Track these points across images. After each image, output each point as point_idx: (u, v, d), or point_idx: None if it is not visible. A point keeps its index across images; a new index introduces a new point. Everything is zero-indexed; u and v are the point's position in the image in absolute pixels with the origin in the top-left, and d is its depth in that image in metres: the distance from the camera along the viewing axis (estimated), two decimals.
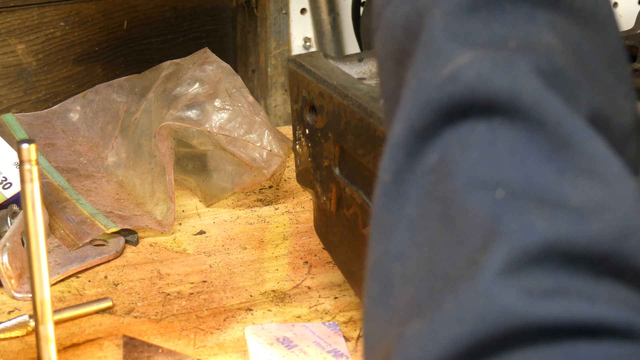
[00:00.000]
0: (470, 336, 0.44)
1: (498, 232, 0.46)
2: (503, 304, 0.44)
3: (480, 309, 0.44)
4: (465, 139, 0.49)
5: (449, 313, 0.45)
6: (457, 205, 0.48)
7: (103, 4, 1.37)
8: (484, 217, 0.47)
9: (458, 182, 0.48)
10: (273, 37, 1.43)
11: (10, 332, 0.95)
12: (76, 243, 1.08)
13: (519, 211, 0.46)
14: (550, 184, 0.47)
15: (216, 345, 0.95)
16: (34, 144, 0.82)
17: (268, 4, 1.41)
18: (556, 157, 0.48)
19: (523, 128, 0.49)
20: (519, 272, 0.45)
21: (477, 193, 0.48)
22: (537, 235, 0.45)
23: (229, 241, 1.12)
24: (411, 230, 0.50)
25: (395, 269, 0.50)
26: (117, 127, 1.24)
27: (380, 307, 0.50)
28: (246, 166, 1.15)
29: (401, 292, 0.49)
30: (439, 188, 0.49)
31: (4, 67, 1.34)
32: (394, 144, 0.52)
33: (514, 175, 0.48)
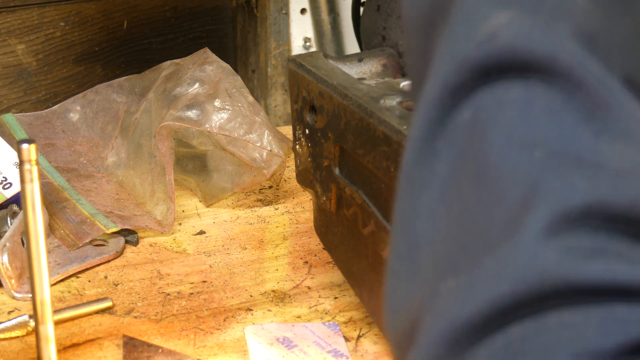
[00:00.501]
0: (510, 294, 0.44)
1: (539, 191, 0.46)
2: (545, 263, 0.44)
3: (521, 267, 0.44)
4: (501, 98, 0.49)
5: (487, 270, 0.45)
6: (492, 164, 0.48)
7: (103, 4, 1.37)
8: (523, 176, 0.46)
9: (493, 140, 0.48)
10: (273, 37, 1.43)
11: (10, 332, 0.95)
12: (76, 243, 1.08)
13: (559, 171, 0.46)
14: (588, 145, 0.47)
15: (216, 345, 0.95)
16: (34, 144, 0.82)
17: (268, 4, 1.41)
18: (594, 119, 0.48)
19: (560, 89, 0.48)
20: (560, 231, 0.45)
21: (514, 151, 0.47)
22: (578, 196, 0.45)
23: (229, 241, 1.12)
24: (441, 188, 0.50)
25: (423, 227, 0.50)
26: (117, 127, 1.24)
27: (406, 264, 0.50)
28: (246, 166, 1.15)
29: (429, 250, 0.49)
30: (473, 146, 0.49)
31: (4, 67, 1.34)
32: (427, 101, 0.51)
33: (551, 135, 0.47)
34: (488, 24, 0.51)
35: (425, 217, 0.50)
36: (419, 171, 0.51)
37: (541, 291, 0.44)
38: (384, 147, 0.86)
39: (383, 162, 0.86)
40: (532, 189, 0.46)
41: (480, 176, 0.48)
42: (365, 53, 1.04)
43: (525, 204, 0.46)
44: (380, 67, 1.03)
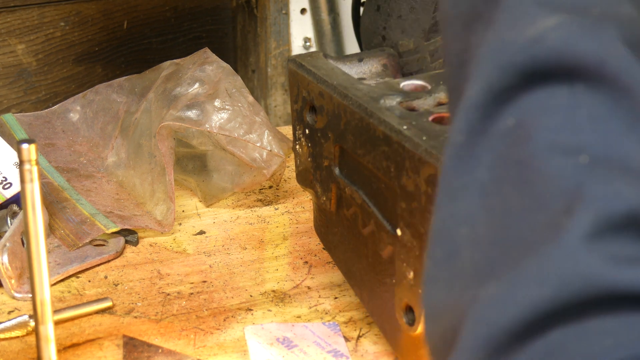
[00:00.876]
0: (552, 299, 0.44)
1: (582, 197, 0.45)
2: (588, 269, 0.43)
3: (564, 272, 0.44)
4: (545, 103, 0.49)
5: (529, 275, 0.45)
6: (535, 169, 0.47)
7: (103, 4, 1.37)
8: (567, 182, 0.46)
9: (537, 145, 0.48)
10: (273, 37, 1.43)
11: (10, 332, 0.95)
12: (76, 243, 1.08)
13: (603, 177, 0.46)
14: (633, 152, 0.47)
15: (216, 345, 0.95)
16: (34, 144, 0.82)
17: (268, 4, 1.41)
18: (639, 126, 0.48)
19: (606, 95, 0.48)
20: (604, 237, 0.44)
21: (558, 157, 0.47)
22: (622, 202, 0.45)
23: (229, 241, 1.12)
24: (482, 193, 0.50)
25: (462, 233, 0.50)
26: (117, 127, 1.24)
27: (445, 270, 0.50)
28: (246, 166, 1.15)
29: (468, 256, 0.49)
30: (515, 151, 0.49)
31: (4, 67, 1.34)
32: (469, 105, 0.51)
33: (595, 141, 0.47)
34: (534, 28, 0.50)
35: (465, 222, 0.50)
36: (459, 177, 0.51)
37: (583, 297, 0.43)
38: (384, 147, 0.86)
39: (383, 162, 0.86)
40: (575, 194, 0.46)
41: (523, 181, 0.48)
42: (365, 53, 1.04)
43: (569, 209, 0.45)
44: (380, 67, 1.03)
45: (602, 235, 0.44)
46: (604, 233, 0.44)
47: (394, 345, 0.92)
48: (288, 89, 1.38)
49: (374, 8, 1.18)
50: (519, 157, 0.48)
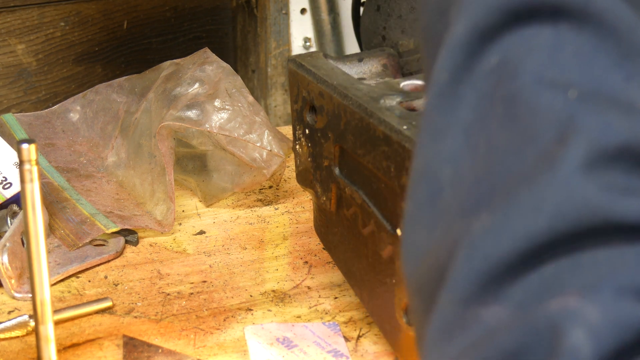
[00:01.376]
0: (548, 229, 0.43)
1: (575, 127, 0.45)
2: (584, 198, 0.43)
3: (560, 201, 0.44)
4: (530, 41, 0.49)
5: (525, 205, 0.44)
6: (523, 104, 0.47)
7: (103, 4, 1.37)
8: (558, 114, 0.46)
9: (524, 81, 0.48)
10: (273, 37, 1.43)
11: (10, 332, 0.95)
12: (76, 243, 1.08)
13: (594, 109, 0.46)
14: (620, 88, 0.47)
15: (216, 345, 0.95)
16: (34, 144, 0.82)
17: (268, 4, 1.41)
18: (625, 63, 0.47)
19: (591, 33, 0.48)
20: (598, 167, 0.44)
21: (547, 91, 0.47)
22: (614, 133, 0.45)
23: (229, 241, 1.12)
24: (466, 131, 0.49)
25: (446, 172, 0.49)
26: (117, 127, 1.24)
27: (428, 211, 0.49)
28: (246, 166, 1.15)
29: (453, 194, 0.48)
30: (501, 88, 0.48)
31: (4, 67, 1.34)
32: (454, 44, 0.50)
33: (582, 77, 0.47)
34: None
35: (449, 161, 0.49)
36: (443, 116, 0.50)
37: (579, 227, 0.43)
38: (384, 147, 0.86)
39: (383, 162, 0.86)
40: (567, 125, 0.45)
41: (511, 116, 0.47)
42: (365, 53, 1.04)
43: (562, 139, 0.45)
44: (380, 67, 1.03)
45: (596, 166, 0.44)
46: (598, 163, 0.44)
47: (394, 345, 0.92)
48: (288, 89, 1.38)
49: (374, 8, 1.18)
50: (505, 94, 0.48)
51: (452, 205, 0.48)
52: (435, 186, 0.50)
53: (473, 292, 0.44)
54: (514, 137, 0.47)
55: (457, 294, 0.45)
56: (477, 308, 0.44)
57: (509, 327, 0.43)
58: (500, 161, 0.47)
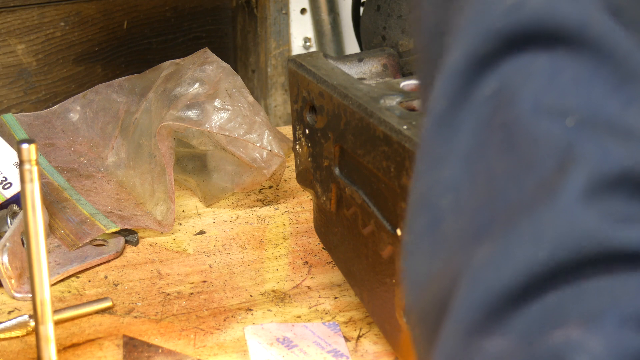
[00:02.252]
0: (549, 259, 0.43)
1: (575, 156, 0.45)
2: (586, 227, 0.43)
3: (561, 230, 0.43)
4: (527, 67, 0.48)
5: (525, 235, 0.44)
6: (522, 132, 0.47)
7: (103, 4, 1.37)
8: (557, 142, 0.46)
9: (522, 108, 0.47)
10: (273, 37, 1.43)
11: (10, 332, 0.95)
12: (76, 243, 1.08)
13: (593, 137, 0.45)
14: (618, 114, 0.46)
15: (216, 345, 0.95)
16: (34, 144, 0.82)
17: (268, 4, 1.41)
18: (623, 88, 0.47)
19: (588, 60, 0.48)
20: (598, 195, 0.44)
21: (545, 119, 0.47)
22: (614, 161, 0.45)
23: (229, 241, 1.12)
24: (465, 159, 0.49)
25: (446, 200, 0.49)
26: (117, 127, 1.24)
27: (427, 240, 0.49)
28: (246, 166, 1.15)
29: (453, 222, 0.48)
30: (499, 115, 0.48)
31: (4, 67, 1.34)
32: (451, 72, 0.50)
33: (580, 103, 0.47)
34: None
35: (448, 190, 0.49)
36: (441, 145, 0.50)
37: (580, 256, 0.43)
38: (384, 147, 0.86)
39: (383, 162, 0.86)
40: (567, 153, 0.45)
41: (509, 144, 0.47)
42: (365, 53, 1.04)
43: (561, 168, 0.45)
44: (380, 67, 1.03)
45: (596, 194, 0.44)
46: (598, 191, 0.44)
47: (394, 345, 0.92)
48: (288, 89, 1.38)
49: (374, 8, 1.18)
50: (504, 121, 0.48)
51: (452, 234, 0.48)
52: (435, 214, 0.49)
53: (476, 324, 0.44)
54: (513, 165, 0.47)
55: (460, 325, 0.45)
56: (480, 340, 0.44)
57: (512, 358, 0.43)
58: (500, 190, 0.47)
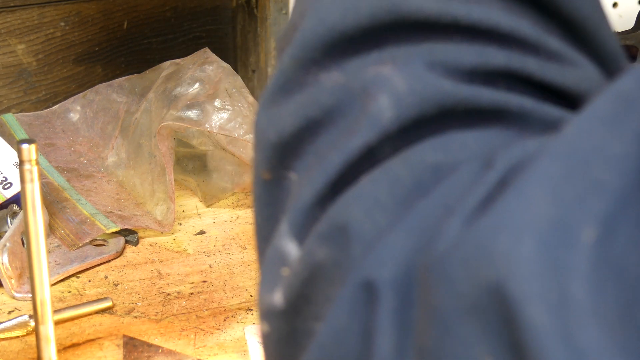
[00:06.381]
0: (389, 12, 0.44)
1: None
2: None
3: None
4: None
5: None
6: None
7: (103, 4, 1.37)
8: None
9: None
10: (273, 37, 1.43)
11: (10, 332, 0.95)
12: (76, 243, 1.08)
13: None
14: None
15: (216, 345, 0.95)
16: (34, 144, 0.82)
17: (268, 4, 1.41)
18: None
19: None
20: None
21: None
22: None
23: (229, 241, 1.12)
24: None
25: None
26: (117, 127, 1.24)
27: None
28: (246, 166, 1.15)
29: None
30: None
31: (4, 67, 1.34)
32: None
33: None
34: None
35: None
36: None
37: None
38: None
39: None
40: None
41: None
42: None
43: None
44: None
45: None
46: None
47: None
48: None
49: None
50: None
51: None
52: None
53: (315, 57, 0.44)
54: None
55: (300, 55, 0.45)
56: (318, 72, 0.44)
57: (335, 88, 0.43)
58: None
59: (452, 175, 0.39)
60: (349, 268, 0.39)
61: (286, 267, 0.41)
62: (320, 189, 0.41)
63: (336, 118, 0.43)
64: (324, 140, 0.43)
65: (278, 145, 0.44)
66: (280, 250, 0.42)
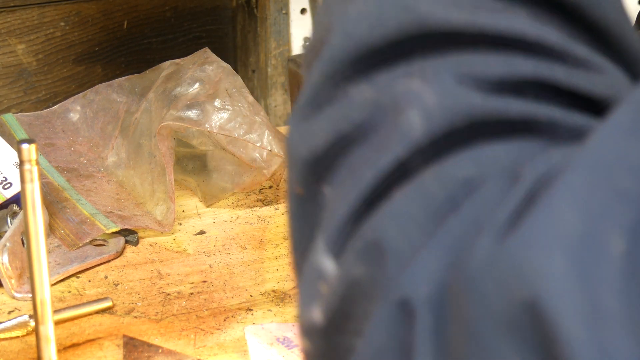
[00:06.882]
0: (419, 25, 0.44)
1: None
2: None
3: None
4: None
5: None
6: None
7: (103, 4, 1.37)
8: None
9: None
10: (273, 37, 1.43)
11: (10, 332, 0.95)
12: (76, 243, 1.08)
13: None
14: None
15: (216, 345, 0.95)
16: (34, 144, 0.82)
17: (268, 4, 1.41)
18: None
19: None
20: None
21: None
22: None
23: (229, 241, 1.12)
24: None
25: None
26: (117, 127, 1.24)
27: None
28: (246, 166, 1.15)
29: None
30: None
31: (4, 67, 1.34)
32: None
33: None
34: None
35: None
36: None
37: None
38: None
39: None
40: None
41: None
42: None
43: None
44: None
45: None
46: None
47: None
48: (288, 89, 1.38)
49: None
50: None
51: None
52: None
53: (344, 71, 0.45)
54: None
55: (328, 70, 0.45)
56: (347, 86, 0.45)
57: (365, 103, 0.44)
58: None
59: (481, 189, 0.40)
60: (385, 285, 0.40)
61: (324, 283, 0.42)
62: (354, 205, 0.42)
63: (368, 133, 0.43)
64: (356, 155, 0.43)
65: (310, 160, 0.45)
66: (317, 266, 0.42)
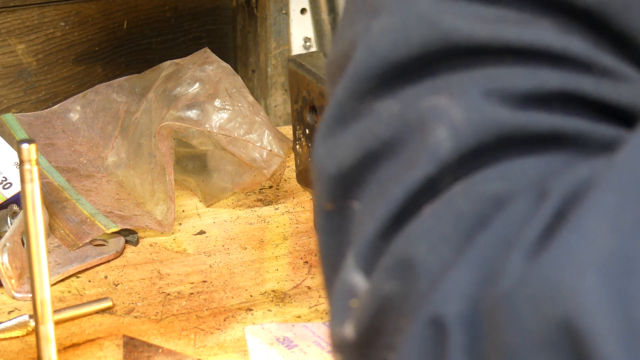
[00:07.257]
0: (445, 40, 0.44)
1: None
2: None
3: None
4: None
5: (419, 9, 0.45)
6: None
7: (103, 4, 1.37)
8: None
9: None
10: (273, 37, 1.43)
11: (10, 332, 0.95)
12: (76, 243, 1.08)
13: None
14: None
15: (216, 345, 0.95)
16: (34, 144, 0.82)
17: (268, 4, 1.41)
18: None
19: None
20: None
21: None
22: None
23: (229, 241, 1.12)
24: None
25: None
26: (117, 127, 1.24)
27: (350, 8, 0.50)
28: (246, 166, 1.15)
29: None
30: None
31: (4, 67, 1.34)
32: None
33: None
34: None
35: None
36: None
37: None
38: None
39: None
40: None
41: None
42: None
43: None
44: None
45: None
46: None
47: None
48: (288, 89, 1.38)
49: None
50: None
51: (358, 3, 0.49)
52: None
53: (369, 88, 0.45)
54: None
55: (354, 86, 0.45)
56: (373, 102, 0.45)
57: (392, 118, 0.44)
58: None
59: (510, 206, 0.40)
60: (417, 302, 0.40)
61: (355, 299, 0.42)
62: (384, 221, 0.42)
63: (395, 149, 0.43)
64: (384, 171, 0.43)
65: (338, 177, 0.45)
66: (348, 282, 0.43)
